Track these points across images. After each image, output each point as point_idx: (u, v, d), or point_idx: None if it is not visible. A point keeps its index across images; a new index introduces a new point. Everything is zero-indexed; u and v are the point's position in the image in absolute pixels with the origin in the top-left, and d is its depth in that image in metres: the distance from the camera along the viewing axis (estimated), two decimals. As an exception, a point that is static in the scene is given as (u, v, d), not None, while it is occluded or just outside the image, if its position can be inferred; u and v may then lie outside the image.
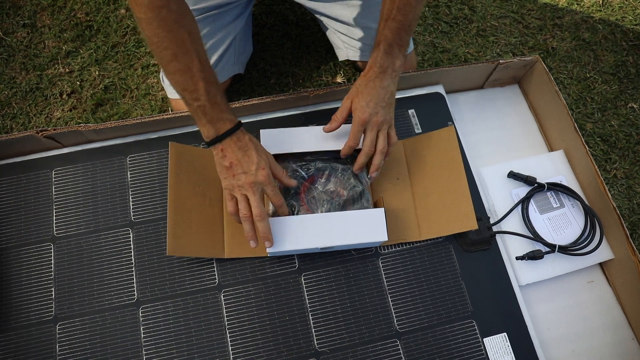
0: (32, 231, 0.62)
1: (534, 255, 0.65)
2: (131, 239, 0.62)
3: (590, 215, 0.69)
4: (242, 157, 0.54)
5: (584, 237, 0.68)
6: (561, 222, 0.70)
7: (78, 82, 0.98)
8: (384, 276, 0.63)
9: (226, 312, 0.59)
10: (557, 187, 0.71)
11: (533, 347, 0.61)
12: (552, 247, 0.66)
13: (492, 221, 0.68)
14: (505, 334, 0.61)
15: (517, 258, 0.66)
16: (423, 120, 0.73)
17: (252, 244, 0.55)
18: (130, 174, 0.66)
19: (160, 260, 0.62)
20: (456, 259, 0.64)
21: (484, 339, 0.60)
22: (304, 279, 0.62)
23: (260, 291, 0.61)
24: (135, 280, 0.60)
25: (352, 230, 0.58)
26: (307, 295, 0.61)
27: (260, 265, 0.62)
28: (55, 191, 0.65)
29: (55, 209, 0.64)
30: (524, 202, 0.70)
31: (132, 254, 0.62)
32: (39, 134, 0.63)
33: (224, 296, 0.60)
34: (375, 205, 0.65)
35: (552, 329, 0.65)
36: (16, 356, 0.56)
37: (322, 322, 0.60)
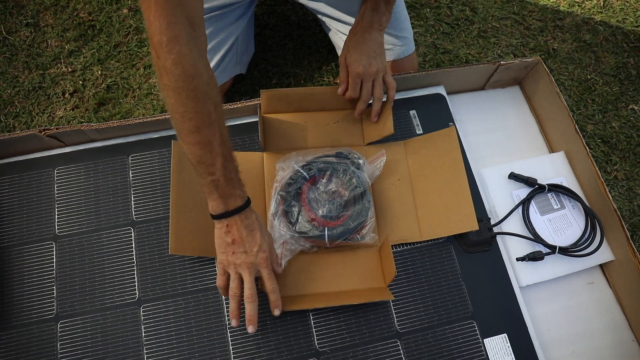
0: (34, 230, 0.63)
1: (534, 257, 0.65)
2: (133, 238, 0.63)
3: (590, 216, 0.69)
4: (246, 237, 0.52)
5: (584, 239, 0.68)
6: (562, 224, 0.70)
7: (80, 82, 0.99)
8: (384, 276, 0.63)
9: (227, 312, 0.59)
10: (557, 189, 0.71)
11: (533, 348, 0.61)
12: (552, 249, 0.66)
13: (492, 222, 0.68)
14: (505, 334, 0.61)
15: (517, 259, 0.66)
16: (424, 121, 0.73)
17: (234, 323, 0.54)
18: (132, 173, 0.66)
19: (162, 259, 0.62)
20: (457, 260, 0.65)
21: (484, 340, 0.60)
22: (305, 279, 0.62)
23: (261, 291, 0.61)
24: (136, 279, 0.61)
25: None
26: (308, 295, 0.61)
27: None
28: (57, 190, 0.65)
29: (57, 207, 0.64)
30: (525, 203, 0.70)
31: (134, 253, 0.62)
32: (42, 133, 0.63)
33: (224, 296, 0.60)
34: (382, 244, 0.63)
35: (552, 330, 0.65)
36: (18, 354, 0.57)
37: (322, 322, 0.60)
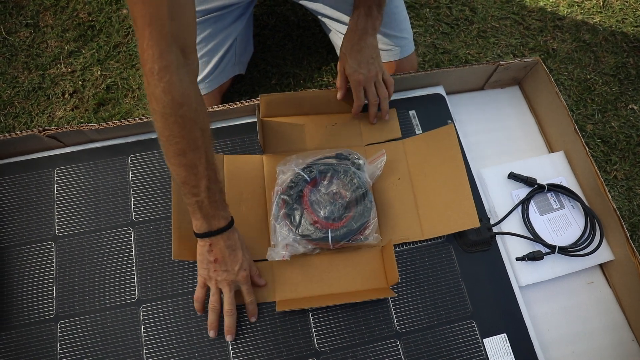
0: (34, 230, 0.63)
1: (534, 256, 0.65)
2: (132, 238, 0.63)
3: (590, 216, 0.69)
4: (228, 256, 0.55)
5: (584, 238, 0.68)
6: (561, 223, 0.70)
7: (80, 82, 0.99)
8: (384, 276, 0.63)
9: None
10: (557, 188, 0.71)
11: (533, 348, 0.61)
12: (552, 248, 0.66)
13: (492, 222, 0.68)
14: (505, 334, 0.61)
15: (517, 259, 0.66)
16: (423, 121, 0.73)
17: (212, 334, 0.57)
18: (131, 173, 0.66)
19: (161, 259, 0.62)
20: (456, 260, 0.65)
21: (484, 340, 0.60)
22: (305, 279, 0.62)
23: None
24: (136, 280, 0.61)
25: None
26: (308, 295, 0.61)
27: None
28: (57, 190, 0.65)
29: (57, 208, 0.64)
30: (524, 203, 0.70)
31: (133, 253, 0.62)
32: (41, 133, 0.63)
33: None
34: (385, 247, 0.63)
35: (552, 330, 0.65)
36: (17, 354, 0.57)
37: (322, 322, 0.60)
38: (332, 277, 0.61)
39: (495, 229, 0.67)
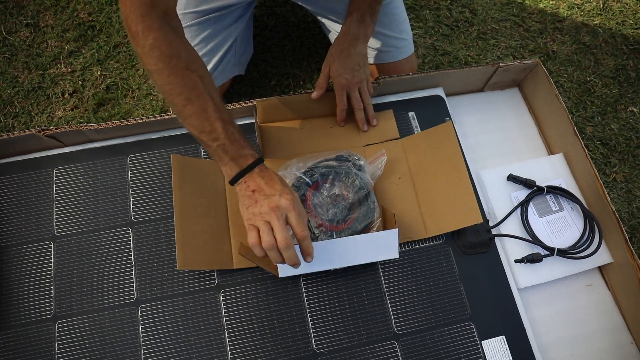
0: (33, 229, 0.63)
1: (532, 259, 0.65)
2: (131, 238, 0.63)
3: (589, 218, 0.69)
4: (265, 184, 0.51)
5: (583, 241, 0.68)
6: (560, 226, 0.70)
7: (80, 82, 0.99)
8: (382, 278, 0.63)
9: (225, 313, 0.59)
10: (556, 191, 0.71)
11: (531, 350, 0.61)
12: (551, 251, 0.66)
13: (491, 224, 0.68)
14: (503, 336, 0.61)
15: (516, 261, 0.66)
16: (423, 123, 0.73)
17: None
18: (130, 173, 0.67)
19: (160, 259, 0.62)
20: (455, 262, 0.65)
21: (482, 342, 0.60)
22: (303, 281, 0.62)
23: (259, 292, 0.61)
24: (134, 280, 0.61)
25: (365, 252, 0.58)
26: (306, 296, 0.61)
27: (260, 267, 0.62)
28: (56, 190, 0.65)
29: (56, 207, 0.64)
30: (523, 205, 0.70)
31: (132, 253, 0.62)
32: (41, 133, 0.63)
33: (223, 296, 0.60)
34: (385, 218, 0.63)
35: (550, 333, 0.65)
36: (15, 354, 0.57)
37: (320, 324, 0.60)
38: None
39: (494, 231, 0.67)
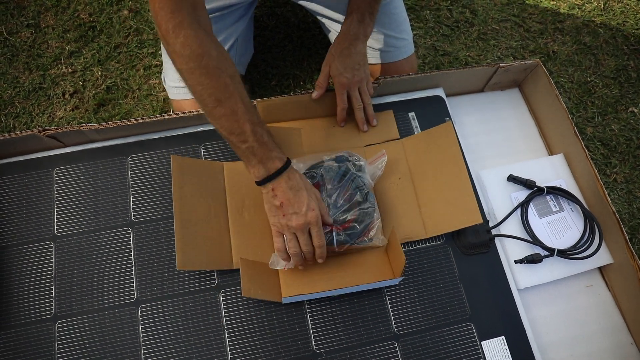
0: (33, 230, 0.63)
1: (532, 259, 0.65)
2: (131, 238, 0.63)
3: (589, 219, 0.69)
4: (292, 197, 0.54)
5: (583, 241, 0.68)
6: (560, 226, 0.70)
7: (80, 82, 0.99)
8: (382, 278, 0.63)
9: (225, 313, 0.60)
10: (556, 191, 0.71)
11: (531, 350, 0.61)
12: (551, 251, 0.66)
13: (491, 224, 0.68)
14: (503, 337, 0.61)
15: (516, 261, 0.66)
16: (423, 123, 0.73)
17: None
18: (131, 174, 0.67)
19: (160, 260, 0.62)
20: (455, 262, 0.65)
21: (482, 342, 0.60)
22: (303, 280, 0.62)
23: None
24: (134, 280, 0.61)
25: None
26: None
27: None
28: (56, 190, 0.65)
29: (57, 208, 0.64)
30: (524, 205, 0.70)
31: (132, 253, 0.62)
32: (41, 133, 0.63)
33: (222, 296, 0.60)
34: (390, 239, 0.62)
35: (550, 333, 0.65)
36: (16, 354, 0.57)
37: (320, 324, 0.60)
38: (337, 277, 0.61)
39: (494, 232, 0.67)
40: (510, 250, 0.67)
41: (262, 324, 0.59)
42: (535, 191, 0.71)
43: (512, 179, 0.72)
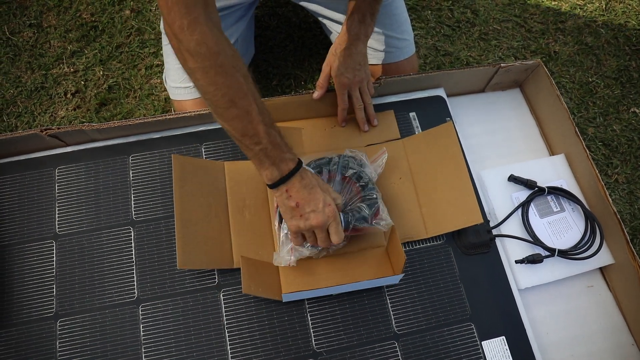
0: (35, 228, 0.63)
1: (533, 259, 0.65)
2: (132, 237, 0.63)
3: (590, 219, 0.69)
4: (308, 196, 0.53)
5: (584, 242, 0.68)
6: (561, 226, 0.70)
7: (82, 82, 0.99)
8: (383, 278, 0.63)
9: (225, 312, 0.60)
10: (557, 191, 0.71)
11: (532, 350, 0.61)
12: (551, 251, 0.66)
13: (492, 224, 0.68)
14: (503, 337, 0.61)
15: (516, 262, 0.66)
16: (424, 123, 0.73)
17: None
18: (132, 173, 0.67)
19: (161, 258, 0.62)
20: (455, 262, 0.65)
21: (483, 342, 0.60)
22: (303, 280, 0.62)
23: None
24: (135, 279, 0.61)
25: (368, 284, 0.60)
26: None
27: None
28: (58, 189, 0.65)
29: (58, 206, 0.64)
30: (524, 205, 0.70)
31: (133, 252, 0.62)
32: (43, 133, 0.63)
33: (223, 295, 0.61)
34: (391, 237, 0.62)
35: (551, 333, 0.65)
36: (17, 352, 0.57)
37: (320, 323, 0.60)
38: (338, 274, 0.61)
39: (494, 232, 0.67)
40: (510, 251, 0.67)
41: (262, 323, 0.59)
42: (536, 191, 0.71)
43: (513, 179, 0.72)
